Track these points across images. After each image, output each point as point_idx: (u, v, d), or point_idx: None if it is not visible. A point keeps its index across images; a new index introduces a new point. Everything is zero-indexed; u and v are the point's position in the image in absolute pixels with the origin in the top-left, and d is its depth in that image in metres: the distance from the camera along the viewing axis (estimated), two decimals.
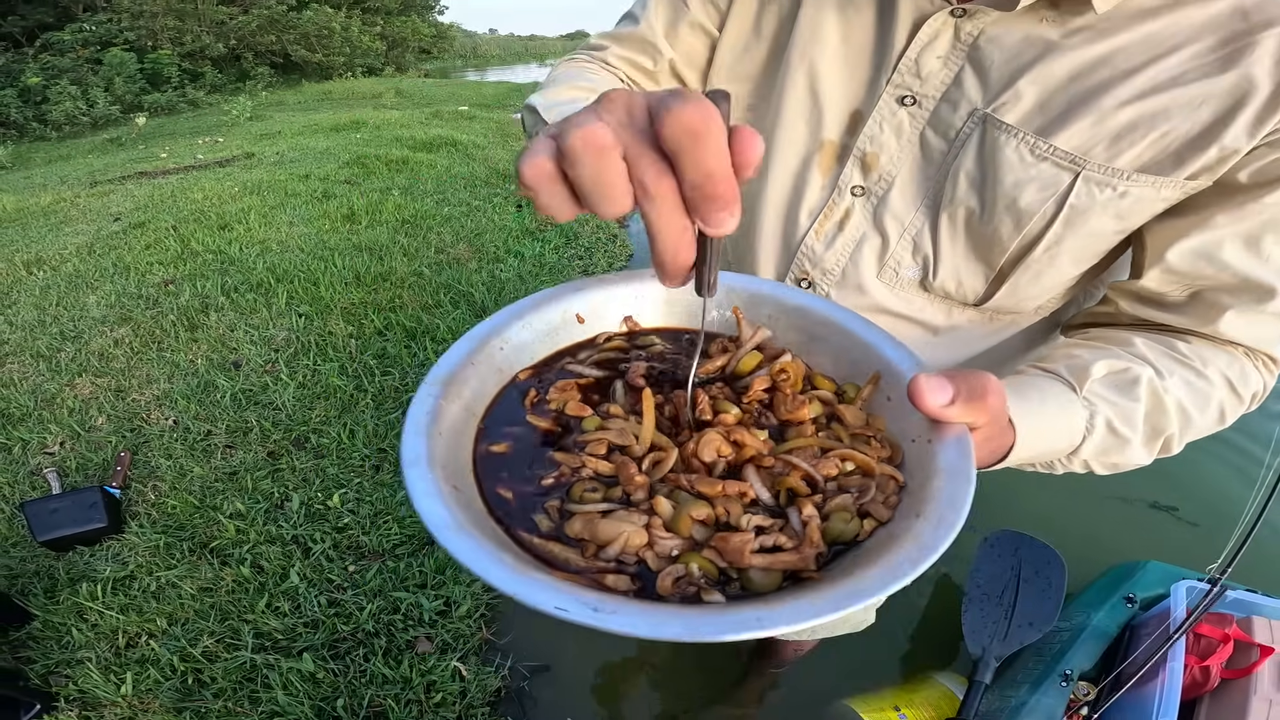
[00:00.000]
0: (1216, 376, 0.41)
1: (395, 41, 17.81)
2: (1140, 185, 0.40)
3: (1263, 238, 0.39)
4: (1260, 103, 0.37)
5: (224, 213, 2.92)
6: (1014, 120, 0.41)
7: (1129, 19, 0.39)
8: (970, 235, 0.45)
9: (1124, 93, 0.39)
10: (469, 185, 3.80)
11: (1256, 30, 0.37)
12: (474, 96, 10.34)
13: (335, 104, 8.27)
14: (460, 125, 6.20)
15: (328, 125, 5.58)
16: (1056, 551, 1.19)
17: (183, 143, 4.87)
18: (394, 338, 1.85)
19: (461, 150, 4.75)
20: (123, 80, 7.43)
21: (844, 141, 0.48)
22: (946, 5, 0.43)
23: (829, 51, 0.47)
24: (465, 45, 27.76)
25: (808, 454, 0.27)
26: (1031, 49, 0.41)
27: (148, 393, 1.71)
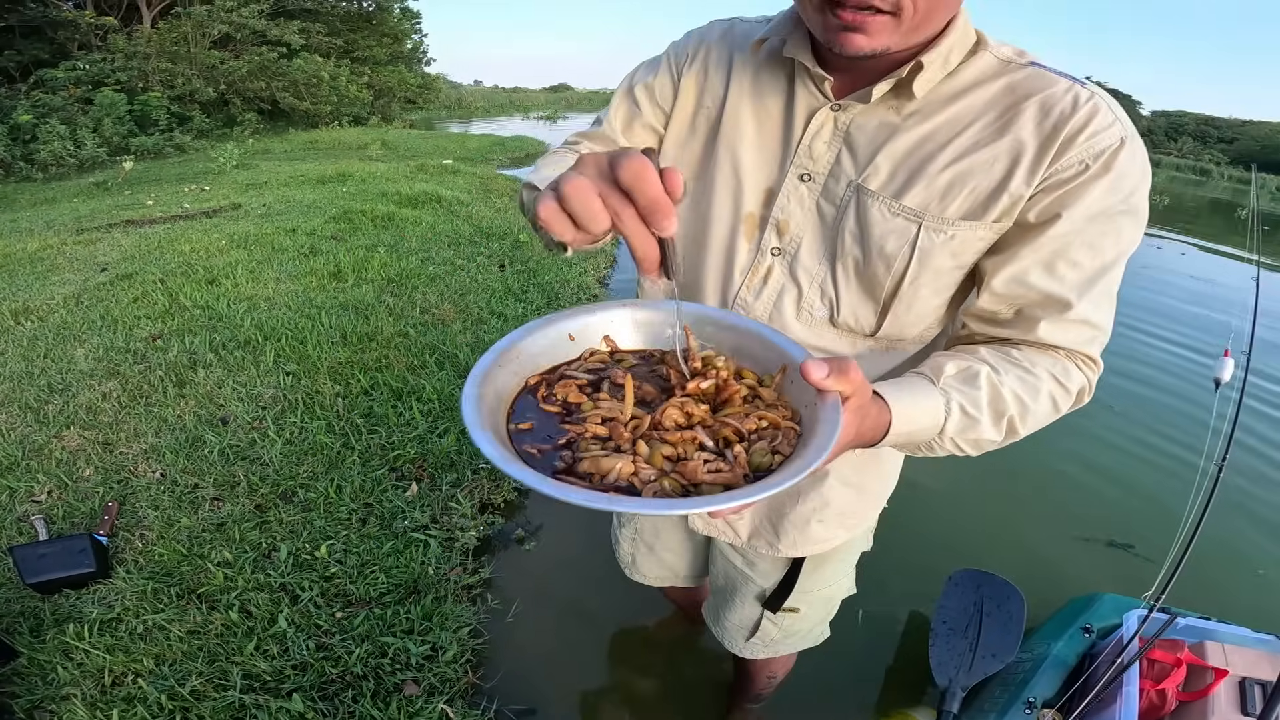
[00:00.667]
0: (1043, 373, 0.59)
1: (382, 91, 19.19)
2: (963, 229, 0.59)
3: (1056, 263, 0.57)
4: (1031, 157, 0.56)
5: (211, 266, 3.26)
6: (875, 188, 0.61)
7: (941, 103, 0.60)
8: (859, 278, 0.64)
9: (943, 160, 0.59)
10: (453, 243, 4.20)
11: (1020, 101, 0.57)
12: (458, 149, 11.10)
13: (321, 154, 8.95)
14: (445, 180, 6.76)
15: (314, 177, 6.10)
16: (1016, 587, 1.46)
17: (169, 190, 5.32)
18: (380, 397, 2.12)
19: (446, 207, 5.21)
20: (111, 121, 8.07)
21: (762, 213, 0.68)
22: (828, 102, 0.63)
23: (746, 142, 0.68)
24: (450, 96, 29.98)
25: (737, 416, 0.45)
26: (884, 131, 0.61)
27: (135, 446, 1.95)
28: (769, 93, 0.67)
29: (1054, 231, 0.56)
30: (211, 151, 7.93)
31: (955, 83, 0.60)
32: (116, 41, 10.84)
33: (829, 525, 0.79)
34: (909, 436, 0.55)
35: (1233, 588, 1.90)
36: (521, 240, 4.40)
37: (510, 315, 2.98)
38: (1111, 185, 0.55)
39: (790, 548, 0.81)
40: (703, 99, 0.71)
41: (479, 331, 2.73)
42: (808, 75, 0.64)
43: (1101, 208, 0.55)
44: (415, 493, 1.74)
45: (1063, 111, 0.55)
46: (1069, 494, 2.31)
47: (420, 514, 1.67)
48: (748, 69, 0.68)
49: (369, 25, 20.56)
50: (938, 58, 0.58)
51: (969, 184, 0.58)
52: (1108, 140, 0.54)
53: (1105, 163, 0.54)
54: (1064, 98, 0.56)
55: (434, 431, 1.98)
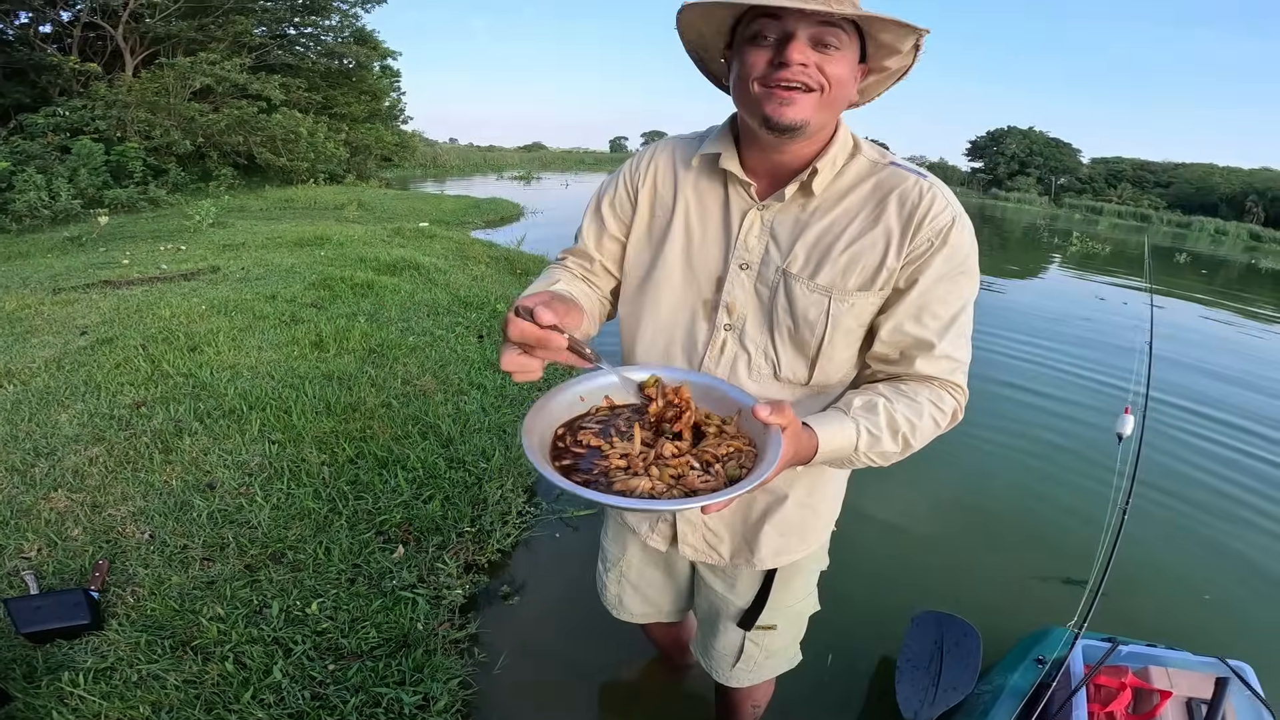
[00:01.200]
0: (924, 400, 0.87)
1: (358, 149, 20.29)
2: (860, 298, 0.88)
3: (921, 315, 0.87)
4: (897, 239, 0.85)
5: (192, 333, 3.58)
6: (796, 271, 0.89)
7: (836, 200, 0.89)
8: (792, 342, 0.92)
9: (841, 245, 0.87)
10: (432, 313, 4.58)
11: (886, 196, 0.87)
12: (434, 211, 11.86)
13: (298, 213, 9.50)
14: (422, 245, 7.28)
15: (292, 239, 6.55)
16: (972, 626, 1.78)
17: (144, 248, 5.70)
18: (366, 465, 2.41)
19: (424, 274, 5.65)
20: (88, 172, 8.56)
21: (714, 298, 0.96)
22: (755, 203, 0.92)
23: (694, 242, 0.97)
24: (426, 154, 31.99)
25: (713, 445, 0.73)
26: (798, 225, 0.90)
27: (123, 509, 2.20)
28: (709, 198, 0.97)
29: (916, 292, 0.87)
30: (186, 208, 8.43)
31: (842, 182, 0.90)
32: (98, 89, 11.55)
33: (790, 539, 1.09)
34: (834, 454, 0.84)
35: (1183, 614, 2.31)
36: (499, 310, 4.80)
37: (489, 387, 3.32)
38: (949, 255, 0.86)
39: (763, 561, 1.09)
40: (655, 210, 1.01)
41: (460, 403, 3.06)
42: (738, 182, 0.93)
43: (944, 272, 0.87)
44: (402, 554, 2.01)
45: (913, 202, 0.86)
46: (1024, 536, 2.74)
47: (408, 574, 1.93)
48: (690, 180, 0.97)
49: (348, 82, 21.91)
50: (827, 162, 0.88)
51: (860, 263, 0.88)
52: (944, 220, 0.86)
53: (943, 238, 0.86)
54: (913, 190, 0.87)
55: (419, 498, 2.27)
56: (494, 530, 2.23)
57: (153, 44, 15.00)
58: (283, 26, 19.31)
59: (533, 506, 2.49)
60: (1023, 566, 2.48)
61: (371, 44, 22.10)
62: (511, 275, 6.46)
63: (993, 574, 2.43)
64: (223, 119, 13.02)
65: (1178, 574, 2.53)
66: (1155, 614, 2.25)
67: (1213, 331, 7.76)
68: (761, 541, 1.07)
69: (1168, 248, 21.55)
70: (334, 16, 20.16)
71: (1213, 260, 18.78)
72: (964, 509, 2.91)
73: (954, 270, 0.87)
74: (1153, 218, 45.56)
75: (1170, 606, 2.32)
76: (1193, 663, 1.49)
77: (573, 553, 2.31)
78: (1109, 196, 56.04)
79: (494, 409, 3.06)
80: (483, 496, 2.35)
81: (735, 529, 1.09)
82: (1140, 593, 2.35)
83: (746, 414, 0.76)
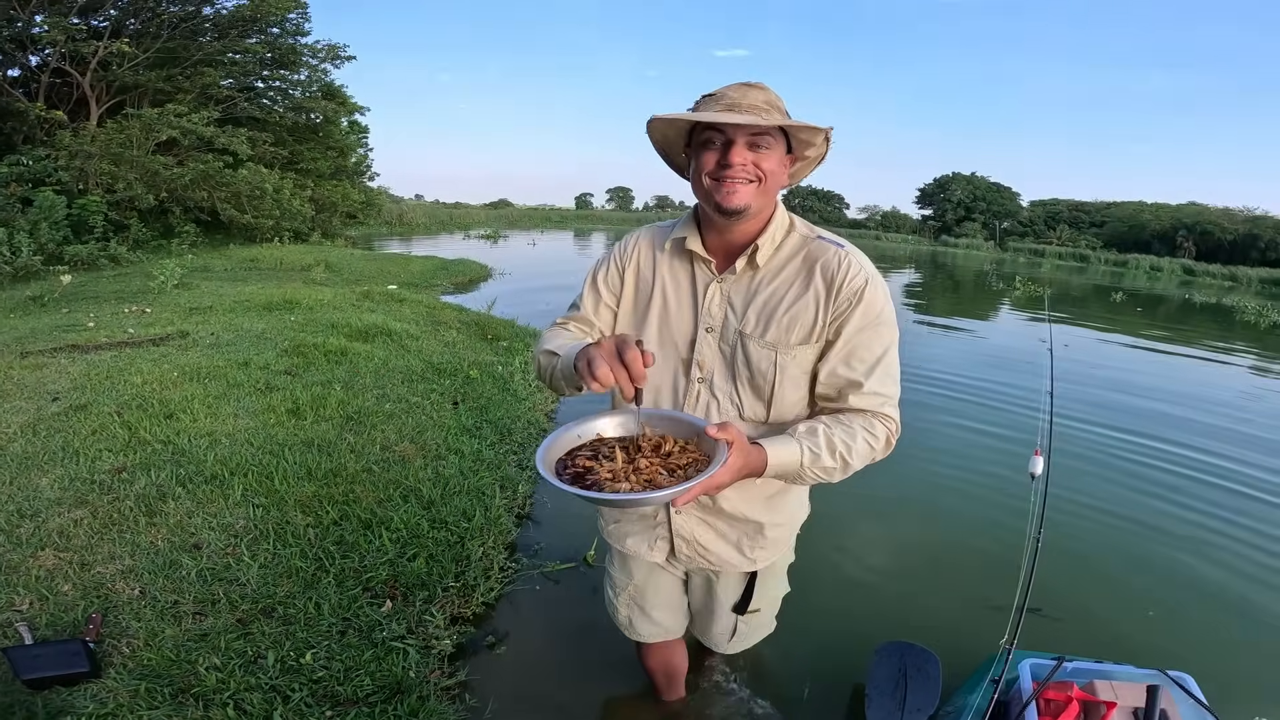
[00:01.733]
0: (857, 427, 1.19)
1: (324, 206, 21.05)
2: (800, 350, 1.23)
3: (850, 360, 1.21)
4: (824, 301, 1.21)
5: (166, 400, 3.90)
6: (749, 332, 1.25)
7: (776, 271, 1.26)
8: (751, 388, 1.28)
9: (783, 309, 1.23)
10: (406, 379, 4.95)
11: (813, 265, 1.24)
12: (402, 273, 12.49)
13: (264, 274, 9.94)
14: (392, 309, 7.72)
15: (260, 302, 6.93)
16: (932, 652, 2.13)
17: (108, 309, 6.02)
18: (350, 527, 2.72)
19: (397, 341, 6.05)
20: (49, 226, 8.92)
21: (688, 355, 1.32)
22: (715, 277, 1.29)
23: (670, 311, 1.34)
24: (392, 212, 33.42)
25: (677, 458, 1.09)
26: (749, 293, 1.26)
27: (111, 567, 2.48)
28: (680, 275, 1.35)
29: (841, 341, 1.23)
30: (149, 267, 8.81)
31: (780, 255, 1.28)
32: (63, 138, 12.07)
33: (769, 549, 1.50)
34: (782, 467, 1.15)
35: (1132, 631, 2.78)
36: (472, 377, 5.20)
37: (467, 451, 3.66)
38: (865, 310, 1.21)
39: (751, 564, 1.50)
40: (639, 285, 1.40)
41: (439, 467, 3.39)
42: (701, 260, 1.32)
43: (864, 324, 1.22)
44: (390, 608, 2.30)
45: (833, 269, 1.23)
46: (971, 565, 3.22)
47: (397, 625, 2.22)
48: (665, 261, 1.37)
49: (315, 137, 22.87)
50: (767, 239, 1.25)
51: (798, 322, 1.24)
52: (858, 282, 1.22)
53: (859, 296, 1.21)
54: (833, 260, 1.23)
55: (403, 556, 2.57)
56: (478, 585, 2.54)
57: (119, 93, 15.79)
58: (250, 79, 20.35)
59: (513, 562, 2.81)
60: (974, 593, 2.94)
61: (340, 99, 23.24)
62: (483, 341, 6.90)
63: (947, 602, 2.89)
64: (187, 173, 13.61)
65: (1123, 594, 3.06)
66: (1107, 633, 2.74)
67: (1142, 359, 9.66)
68: (749, 551, 1.48)
69: (1107, 286, 24.69)
70: (303, 71, 21.30)
71: (1149, 297, 21.98)
72: (916, 546, 3.43)
73: (872, 322, 1.23)
74: (1091, 258, 50.71)
75: (1117, 624, 2.81)
76: (1135, 675, 1.82)
77: (554, 603, 2.64)
78: (1049, 238, 61.74)
79: (472, 473, 3.40)
80: (466, 554, 2.66)
81: (723, 544, 1.48)
82: (1079, 619, 2.81)
83: (703, 435, 1.11)
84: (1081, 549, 3.41)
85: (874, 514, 3.64)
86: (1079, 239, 60.87)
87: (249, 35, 18.55)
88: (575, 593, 2.71)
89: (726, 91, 1.18)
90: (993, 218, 66.59)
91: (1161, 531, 3.72)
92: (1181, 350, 10.77)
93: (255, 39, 18.68)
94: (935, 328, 10.90)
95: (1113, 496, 4.12)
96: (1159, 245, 55.73)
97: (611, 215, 76.56)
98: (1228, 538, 3.70)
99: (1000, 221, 66.55)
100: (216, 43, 17.48)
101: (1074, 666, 1.87)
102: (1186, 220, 57.14)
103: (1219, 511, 4.03)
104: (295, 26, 19.81)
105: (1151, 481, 4.45)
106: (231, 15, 17.39)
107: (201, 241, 13.27)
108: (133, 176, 12.62)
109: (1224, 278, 43.36)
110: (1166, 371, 8.80)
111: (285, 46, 19.73)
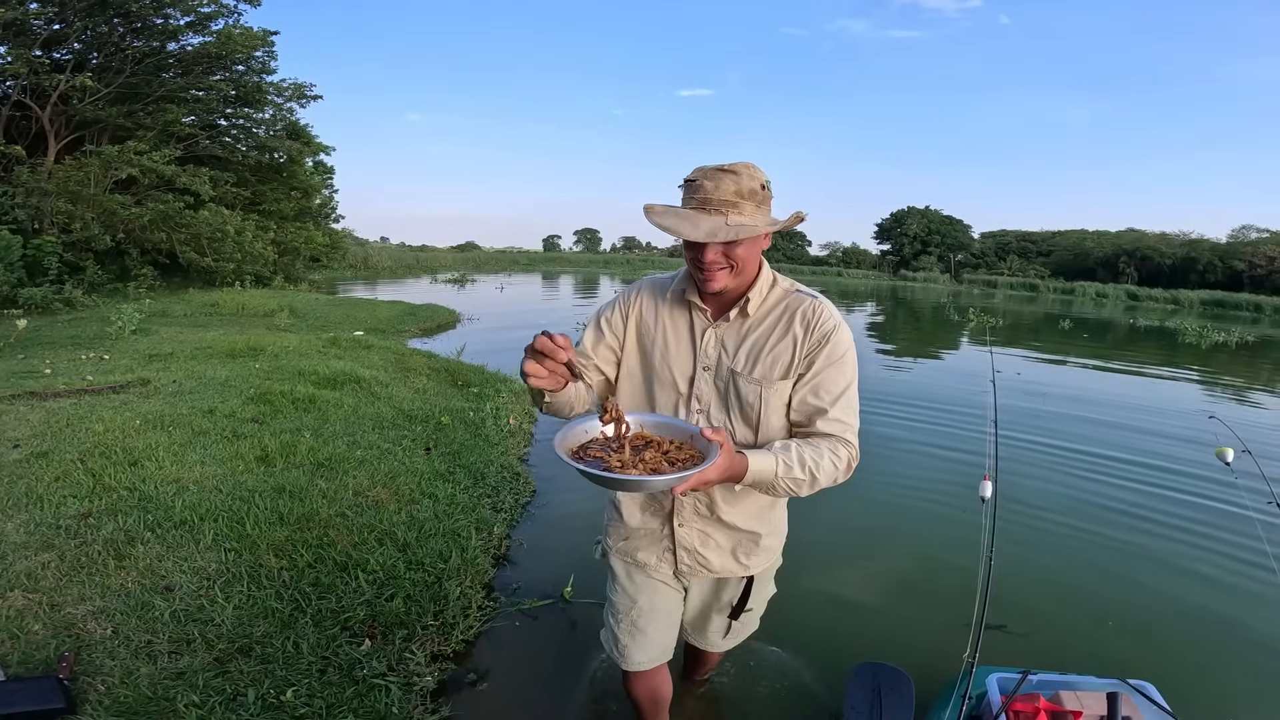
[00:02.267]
0: (824, 447, 1.52)
1: (287, 249, 21.46)
2: (780, 385, 1.61)
3: (818, 391, 1.57)
4: (799, 342, 1.59)
5: (130, 448, 4.11)
6: (739, 370, 1.63)
7: (762, 318, 1.64)
8: (742, 418, 1.64)
9: (767, 349, 1.61)
10: (377, 427, 5.20)
11: (792, 313, 1.62)
12: (369, 319, 12.95)
13: (226, 320, 10.22)
14: (360, 356, 8.01)
15: (223, 349, 7.19)
16: (904, 671, 2.37)
17: (64, 355, 6.24)
18: (326, 569, 2.93)
19: (366, 388, 6.32)
20: (4, 267, 9.15)
21: (688, 390, 1.68)
22: (711, 323, 1.66)
23: (671, 352, 1.70)
24: (357, 255, 34.24)
25: (677, 453, 1.44)
26: (740, 337, 1.65)
27: (82, 608, 2.67)
28: (680, 321, 1.70)
29: (810, 374, 1.57)
30: (105, 311, 9.06)
31: (766, 305, 1.64)
32: (20, 174, 12.39)
33: (761, 556, 1.85)
34: (759, 474, 1.44)
35: (1092, 641, 3.18)
36: (443, 423, 5.48)
37: (441, 496, 3.90)
38: (831, 350, 1.57)
39: (746, 570, 1.85)
40: (641, 329, 1.74)
41: (414, 511, 3.62)
42: (698, 308, 1.66)
43: (830, 361, 1.57)
44: (370, 647, 2.50)
45: (808, 316, 1.59)
46: (946, 585, 3.57)
47: (378, 663, 2.42)
48: (666, 308, 1.71)
49: (279, 177, 23.44)
50: (756, 293, 1.61)
51: (779, 361, 1.59)
52: (828, 326, 1.57)
53: (828, 338, 1.57)
54: (809, 308, 1.59)
55: (380, 597, 2.78)
56: (457, 623, 2.76)
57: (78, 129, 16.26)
58: (214, 117, 20.98)
59: (492, 600, 3.04)
60: (940, 612, 3.31)
61: (305, 138, 23.93)
62: (454, 387, 7.21)
63: (917, 622, 3.26)
64: (146, 213, 13.98)
65: (1083, 607, 3.50)
66: (1070, 645, 3.12)
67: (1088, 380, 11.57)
68: (745, 559, 1.83)
69: (1056, 314, 28.85)
70: (268, 109, 22.00)
71: (1097, 323, 25.88)
72: (882, 568, 3.86)
73: (837, 361, 1.59)
74: (1040, 287, 56.66)
75: (1078, 637, 3.22)
76: (1098, 685, 2.07)
77: (534, 639, 2.87)
78: (1001, 269, 69.22)
79: (447, 516, 3.64)
80: (444, 593, 2.88)
81: (722, 553, 1.81)
82: (1042, 634, 3.16)
83: (696, 437, 1.45)
84: (1038, 565, 3.89)
85: (839, 538, 4.04)
86: (1028, 269, 67.96)
87: (213, 72, 19.26)
88: (554, 629, 2.94)
89: (703, 183, 1.49)
90: (947, 250, 73.06)
91: (1115, 542, 4.29)
92: (1126, 369, 12.81)
93: (219, 75, 19.39)
94: (897, 359, 12.64)
95: (1066, 511, 4.75)
96: (1103, 272, 62.89)
97: (579, 257, 78.49)
98: (1180, 544, 4.32)
99: (955, 254, 73.03)
100: (180, 79, 18.10)
101: (1039, 679, 2.13)
102: (1127, 246, 64.39)
103: (1171, 520, 4.71)
104: (261, 64, 20.59)
105: (1103, 495, 5.16)
106: (196, 51, 18.09)
107: (159, 285, 13.57)
108: (90, 216, 12.97)
109: (1167, 301, 48.67)
110: (1112, 390, 10.35)
111: (250, 84, 20.45)
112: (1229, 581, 3.84)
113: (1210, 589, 3.74)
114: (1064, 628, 3.25)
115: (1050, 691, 2.05)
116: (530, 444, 5.60)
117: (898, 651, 2.66)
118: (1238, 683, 2.94)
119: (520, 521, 4.10)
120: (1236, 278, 59.46)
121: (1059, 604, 3.48)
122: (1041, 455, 6.00)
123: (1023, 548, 4.06)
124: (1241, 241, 64.55)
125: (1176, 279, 58.87)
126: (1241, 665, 3.09)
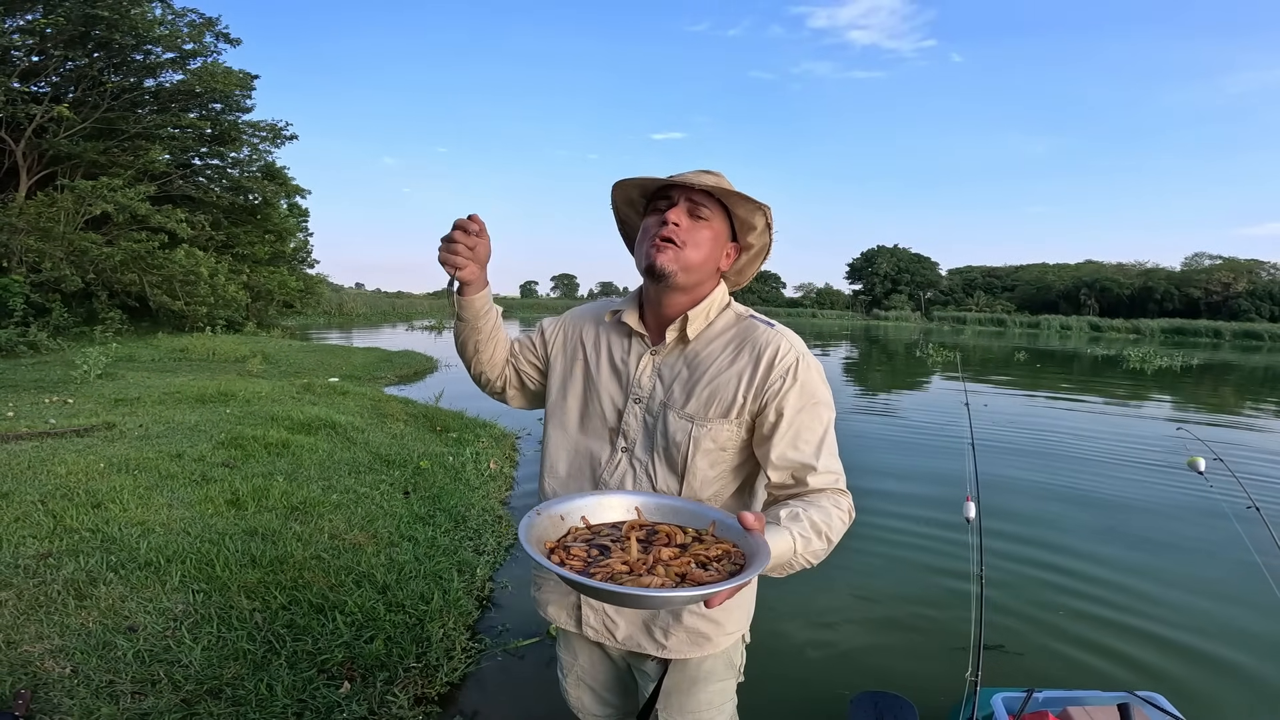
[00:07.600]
0: (827, 504, 1.30)
1: (260, 293, 21.68)
2: (716, 425, 1.39)
3: (796, 442, 1.35)
4: (748, 377, 1.39)
5: (93, 490, 4.15)
6: (670, 402, 1.42)
7: (705, 345, 1.45)
8: (665, 459, 1.42)
9: (704, 380, 1.41)
10: (353, 471, 5.27)
11: (743, 342, 1.43)
12: (344, 365, 13.19)
13: (195, 366, 10.32)
14: (335, 402, 8.12)
15: (193, 394, 7.26)
16: (906, 699, 2.41)
17: (27, 399, 6.30)
18: (301, 611, 2.95)
19: (341, 433, 6.40)
20: None
21: (616, 424, 1.49)
22: (649, 348, 1.48)
23: (603, 379, 1.52)
24: (331, 301, 34.57)
25: (704, 549, 1.11)
26: (677, 365, 1.46)
27: (40, 646, 2.69)
28: (616, 346, 1.53)
29: (784, 424, 1.36)
30: (71, 355, 9.14)
31: (712, 330, 1.46)
32: None
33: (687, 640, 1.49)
34: (778, 560, 1.18)
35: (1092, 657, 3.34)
36: (422, 467, 5.57)
37: (421, 539, 3.96)
38: (801, 390, 1.36)
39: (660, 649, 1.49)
40: (566, 347, 1.60)
41: (393, 554, 3.67)
42: (636, 333, 1.50)
43: (803, 404, 1.36)
44: (349, 689, 2.52)
45: (763, 347, 1.39)
46: (939, 610, 3.75)
47: (358, 707, 2.45)
48: (604, 333, 1.56)
49: (253, 220, 23.82)
50: (698, 313, 1.43)
51: (718, 396, 1.40)
52: (789, 360, 1.37)
53: (793, 375, 1.36)
54: (763, 338, 1.41)
55: (359, 638, 2.80)
56: (441, 665, 2.78)
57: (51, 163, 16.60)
58: (189, 155, 21.45)
59: (476, 642, 3.07)
60: (937, 637, 3.48)
61: (280, 179, 24.43)
62: (432, 432, 7.31)
63: (914, 648, 3.37)
64: (118, 252, 14.15)
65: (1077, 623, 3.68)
66: (1070, 662, 3.27)
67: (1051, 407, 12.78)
68: (655, 633, 1.50)
69: (1023, 348, 32.17)
70: (243, 149, 22.50)
71: (1062, 355, 29.07)
72: (874, 597, 4.01)
73: (810, 402, 1.39)
74: (1007, 321, 61.44)
75: (1077, 653, 3.37)
76: (1106, 699, 2.14)
77: (521, 679, 2.92)
78: (969, 305, 74.67)
79: (428, 558, 3.69)
80: (426, 635, 2.90)
81: (630, 624, 1.52)
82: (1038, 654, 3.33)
83: (721, 524, 1.20)
84: (1029, 585, 4.14)
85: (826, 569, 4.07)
86: (995, 304, 73.65)
87: (190, 109, 19.78)
88: (542, 667, 2.98)
89: (685, 174, 1.45)
90: (917, 288, 78.51)
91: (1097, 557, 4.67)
92: (1084, 397, 14.28)
93: (196, 113, 19.92)
94: (874, 397, 13.70)
95: (1048, 526, 5.26)
96: (1065, 304, 68.50)
97: (557, 303, 79.85)
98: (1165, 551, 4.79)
99: (924, 292, 78.48)
100: (157, 115, 18.57)
101: (1045, 696, 2.20)
102: (1086, 278, 69.96)
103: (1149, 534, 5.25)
104: (237, 102, 21.19)
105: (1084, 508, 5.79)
106: (174, 88, 18.61)
107: (127, 329, 13.66)
108: (60, 255, 13.13)
109: (1128, 330, 52.22)
110: (1074, 414, 11.65)
111: (226, 122, 20.98)
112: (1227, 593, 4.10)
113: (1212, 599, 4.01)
114: (1059, 644, 3.43)
115: (1058, 708, 2.12)
116: (512, 487, 5.72)
117: (895, 679, 2.77)
118: (1243, 691, 3.09)
119: (504, 564, 4.14)
120: (1194, 304, 64.36)
121: (1050, 621, 3.67)
122: (1011, 475, 6.77)
123: (1007, 571, 4.32)
124: (1196, 269, 70.29)
125: (1136, 308, 63.79)
126: (1243, 671, 3.26)
